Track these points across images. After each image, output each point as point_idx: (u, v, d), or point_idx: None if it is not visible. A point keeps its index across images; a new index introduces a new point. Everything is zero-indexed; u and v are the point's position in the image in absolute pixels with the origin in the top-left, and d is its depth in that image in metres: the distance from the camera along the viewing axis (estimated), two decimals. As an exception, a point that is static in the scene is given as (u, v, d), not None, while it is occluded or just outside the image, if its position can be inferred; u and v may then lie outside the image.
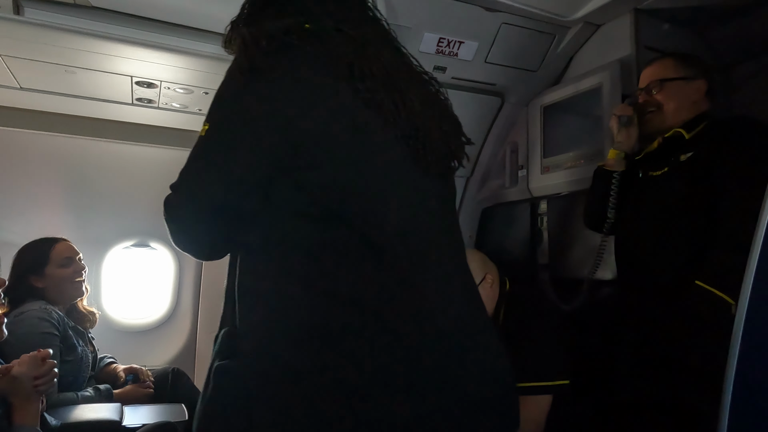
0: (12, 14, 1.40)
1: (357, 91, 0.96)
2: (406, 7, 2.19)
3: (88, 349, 2.20)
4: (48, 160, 2.44)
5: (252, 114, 0.94)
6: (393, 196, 0.98)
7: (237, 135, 0.95)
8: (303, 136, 0.93)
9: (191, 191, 0.99)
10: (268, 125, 0.94)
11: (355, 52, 0.99)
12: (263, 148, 0.94)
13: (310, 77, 0.94)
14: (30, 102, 2.09)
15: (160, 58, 1.66)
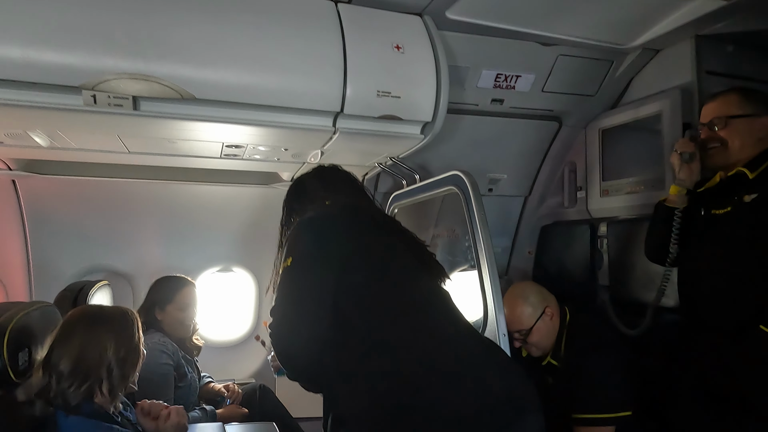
0: (131, 110, 1.65)
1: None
2: (464, 48, 2.29)
3: (195, 375, 2.51)
4: (149, 203, 2.80)
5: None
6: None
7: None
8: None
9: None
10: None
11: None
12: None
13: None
14: (134, 160, 2.39)
15: (247, 129, 1.87)
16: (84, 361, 1.42)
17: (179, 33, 1.59)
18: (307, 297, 1.28)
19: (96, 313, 1.57)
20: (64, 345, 1.43)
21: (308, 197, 1.67)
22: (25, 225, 2.66)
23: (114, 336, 1.50)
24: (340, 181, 1.73)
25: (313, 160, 2.33)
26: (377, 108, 1.87)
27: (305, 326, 1.26)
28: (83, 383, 1.41)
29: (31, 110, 1.61)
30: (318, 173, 1.75)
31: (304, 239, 1.38)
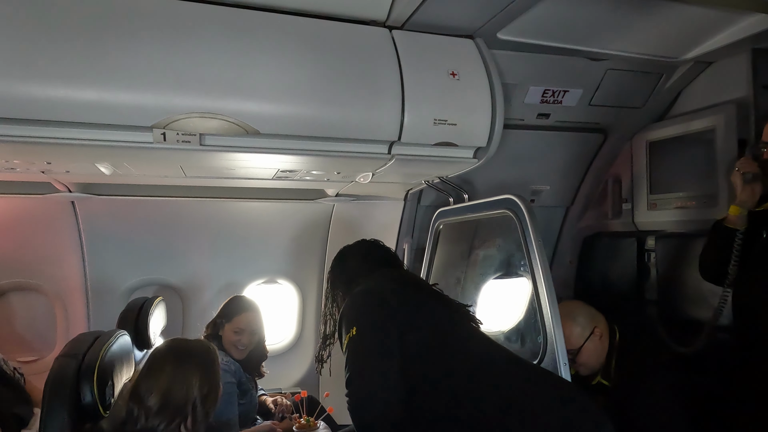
0: (198, 146, 1.69)
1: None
2: (512, 66, 2.28)
3: (255, 393, 2.60)
4: (199, 219, 2.89)
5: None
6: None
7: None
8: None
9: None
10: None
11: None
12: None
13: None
14: (191, 182, 2.45)
15: (304, 158, 1.91)
16: (172, 399, 1.47)
17: (244, 71, 1.63)
18: (379, 362, 1.37)
19: (183, 349, 1.61)
20: (152, 381, 1.48)
21: (353, 271, 1.79)
22: (83, 243, 2.76)
23: (199, 373, 1.55)
24: (381, 257, 1.87)
25: (362, 180, 2.35)
26: (433, 136, 1.88)
27: (382, 390, 1.33)
28: (171, 421, 1.46)
29: (103, 148, 1.67)
30: (360, 249, 1.89)
31: (363, 310, 1.51)
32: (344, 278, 1.79)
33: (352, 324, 1.45)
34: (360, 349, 1.40)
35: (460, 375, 1.40)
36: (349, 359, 1.40)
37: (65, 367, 1.38)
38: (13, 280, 2.78)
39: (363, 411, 1.33)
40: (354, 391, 1.35)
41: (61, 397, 1.34)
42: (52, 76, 1.48)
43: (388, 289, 1.57)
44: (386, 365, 1.36)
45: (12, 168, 1.98)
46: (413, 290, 1.64)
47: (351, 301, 1.57)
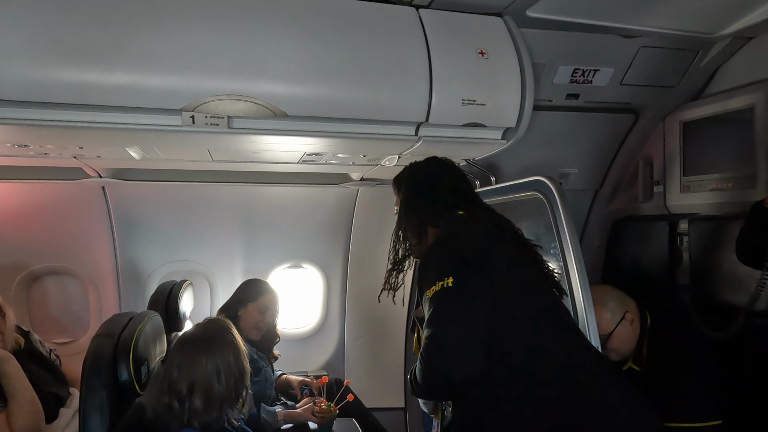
0: (226, 129, 1.70)
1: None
2: (541, 45, 2.22)
3: (270, 369, 2.65)
4: (226, 204, 2.94)
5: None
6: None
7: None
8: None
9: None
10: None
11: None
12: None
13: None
14: (218, 166, 2.47)
15: (330, 140, 1.90)
16: (215, 394, 1.50)
17: (273, 53, 1.62)
18: (472, 321, 1.29)
19: (210, 337, 1.61)
20: (191, 377, 1.49)
21: (441, 201, 1.62)
22: (113, 228, 2.82)
23: (232, 356, 1.57)
24: (470, 191, 1.72)
25: (388, 163, 2.34)
26: (461, 116, 1.85)
27: (470, 351, 1.26)
28: (221, 408, 1.49)
29: (133, 132, 1.68)
30: (449, 176, 1.71)
31: (463, 260, 1.37)
32: (429, 207, 1.62)
33: (447, 273, 1.33)
34: (454, 303, 1.31)
35: (542, 336, 1.34)
36: (438, 311, 1.31)
37: (102, 346, 1.42)
38: (48, 264, 2.86)
39: (446, 369, 1.26)
40: (438, 347, 1.27)
41: (99, 375, 1.37)
42: (82, 60, 1.50)
43: (487, 238, 1.45)
44: (478, 325, 1.28)
45: (45, 153, 2.02)
46: (511, 241, 1.52)
47: (446, 245, 1.44)
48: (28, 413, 2.08)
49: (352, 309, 3.32)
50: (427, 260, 1.45)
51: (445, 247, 1.44)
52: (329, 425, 2.35)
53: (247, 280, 2.68)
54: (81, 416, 1.33)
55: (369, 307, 3.30)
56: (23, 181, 2.52)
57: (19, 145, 1.86)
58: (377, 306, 3.28)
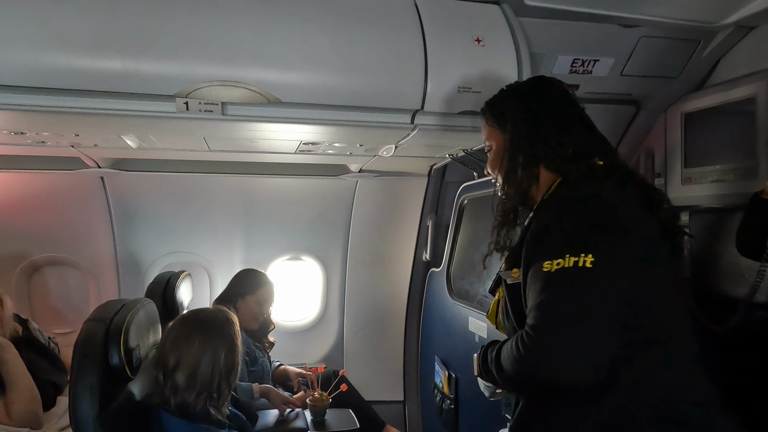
0: (221, 115, 1.69)
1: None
2: (540, 34, 2.20)
3: (266, 360, 2.66)
4: (225, 196, 2.95)
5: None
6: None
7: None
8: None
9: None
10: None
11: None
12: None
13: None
14: (213, 156, 2.48)
15: (326, 129, 1.90)
16: (200, 376, 1.51)
17: (266, 39, 1.61)
18: (607, 313, 1.02)
19: (211, 322, 1.62)
20: (181, 355, 1.50)
21: (575, 144, 1.25)
22: (113, 218, 2.83)
23: (225, 348, 1.58)
24: (604, 138, 1.37)
25: (385, 153, 2.33)
26: (457, 104, 1.83)
27: (596, 352, 1.00)
28: (199, 395, 1.49)
29: (128, 118, 1.68)
30: (564, 94, 1.38)
31: (605, 232, 1.07)
32: (556, 147, 1.25)
33: (584, 247, 1.03)
34: (590, 291, 1.02)
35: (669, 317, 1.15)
36: (564, 296, 1.03)
37: (93, 330, 1.42)
38: (48, 255, 2.88)
39: (560, 373, 0.99)
40: (556, 343, 1.00)
41: (89, 358, 1.38)
42: (75, 45, 1.49)
43: (630, 202, 1.14)
44: (616, 320, 1.02)
45: (42, 141, 2.03)
46: (655, 207, 1.21)
47: (585, 209, 1.12)
48: (26, 400, 2.09)
49: (352, 302, 3.32)
50: (552, 223, 1.13)
51: (583, 210, 1.11)
52: (322, 413, 2.35)
53: (243, 270, 2.70)
54: (71, 399, 1.34)
55: (368, 299, 3.30)
56: (23, 171, 2.54)
57: (16, 133, 1.86)
58: (376, 299, 3.32)
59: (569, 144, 1.26)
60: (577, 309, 1.01)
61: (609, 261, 1.04)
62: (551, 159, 1.26)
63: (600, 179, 1.19)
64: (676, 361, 1.11)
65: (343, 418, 2.36)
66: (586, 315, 1.01)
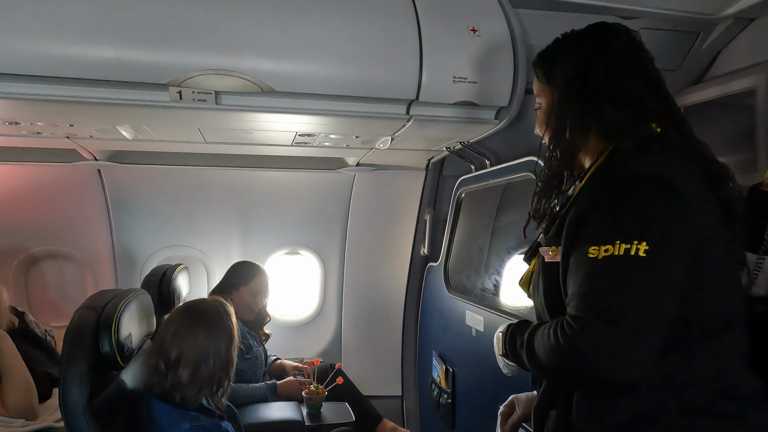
0: (214, 105, 1.69)
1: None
2: (538, 25, 2.18)
3: (260, 349, 2.68)
4: (222, 189, 2.95)
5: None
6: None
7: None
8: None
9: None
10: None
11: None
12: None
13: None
14: (210, 149, 2.48)
15: (321, 119, 1.89)
16: (202, 370, 1.50)
17: (259, 28, 1.61)
18: (658, 306, 0.93)
19: (214, 316, 1.61)
20: (184, 349, 1.50)
21: (624, 100, 1.10)
22: (110, 211, 2.83)
23: (225, 343, 1.58)
24: (656, 72, 1.19)
25: (381, 146, 2.32)
26: (452, 94, 1.83)
27: (643, 348, 0.91)
28: (199, 391, 1.50)
29: (122, 107, 1.68)
30: (628, 43, 1.18)
31: (661, 217, 0.96)
32: (610, 110, 1.10)
33: (637, 235, 0.93)
34: (641, 282, 0.92)
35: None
36: (611, 285, 0.93)
37: (85, 318, 1.41)
38: (46, 248, 2.88)
39: (599, 369, 0.91)
40: (599, 336, 0.91)
41: (80, 346, 1.37)
42: (68, 33, 1.49)
43: (690, 181, 1.02)
44: (667, 313, 0.94)
45: (38, 132, 2.03)
46: (717, 185, 1.09)
47: (637, 189, 0.99)
48: (22, 391, 2.09)
49: (349, 296, 3.31)
50: (600, 203, 1.01)
51: (636, 190, 0.99)
52: (317, 406, 2.35)
53: (237, 262, 2.73)
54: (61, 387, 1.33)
55: (366, 294, 3.29)
56: (19, 163, 2.53)
57: (10, 123, 1.86)
58: (374, 293, 3.31)
59: (625, 106, 1.10)
60: (625, 303, 0.92)
61: (664, 250, 0.94)
62: (603, 123, 1.11)
63: (657, 152, 1.06)
64: (721, 355, 1.03)
65: (340, 411, 2.36)
66: (635, 310, 0.92)
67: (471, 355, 2.42)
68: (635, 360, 0.91)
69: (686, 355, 1.00)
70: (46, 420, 2.13)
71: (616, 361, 0.91)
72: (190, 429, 1.45)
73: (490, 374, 2.26)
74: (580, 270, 0.98)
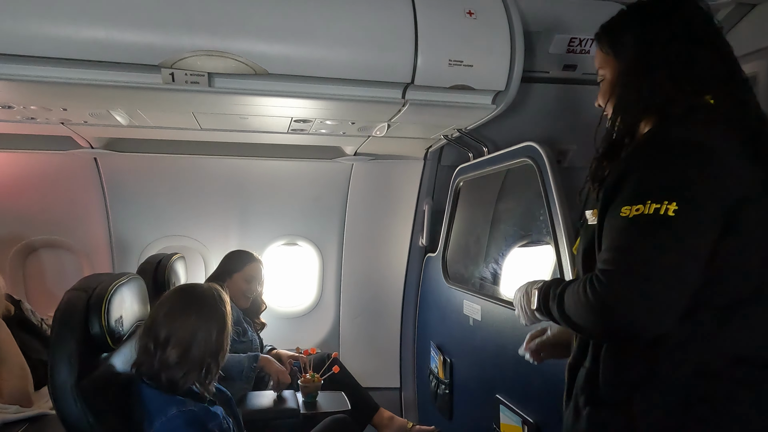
0: (207, 87, 1.68)
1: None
2: (536, 12, 2.15)
3: (255, 335, 2.69)
4: (219, 178, 2.94)
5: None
6: None
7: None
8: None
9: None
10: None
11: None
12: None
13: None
14: (206, 136, 2.46)
15: (316, 104, 1.87)
16: (191, 355, 1.48)
17: (252, 9, 1.60)
18: (685, 261, 0.95)
19: (209, 300, 1.59)
20: (175, 330, 1.48)
21: (688, 70, 1.11)
22: (107, 201, 2.83)
23: (217, 328, 1.55)
24: (725, 44, 1.16)
25: (378, 133, 2.30)
26: (448, 78, 1.81)
27: (667, 301, 0.94)
28: (189, 372, 1.48)
29: (114, 90, 1.67)
30: (684, 24, 1.15)
31: (691, 181, 0.98)
32: (668, 84, 1.10)
33: (667, 194, 0.95)
34: (668, 240, 0.95)
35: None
36: (640, 242, 0.96)
37: (74, 299, 1.41)
38: (43, 237, 2.87)
39: (628, 320, 0.95)
40: (626, 288, 0.95)
41: (69, 326, 1.36)
42: (59, 12, 1.49)
43: (730, 149, 1.02)
44: (691, 269, 0.95)
45: (32, 118, 2.02)
46: (763, 158, 1.06)
47: (671, 154, 1.01)
48: (17, 378, 2.09)
49: (348, 287, 3.30)
50: (634, 166, 1.04)
51: (670, 154, 1.02)
52: (313, 395, 2.34)
53: (231, 251, 2.73)
54: (50, 367, 1.33)
55: (364, 285, 3.28)
56: (16, 151, 2.53)
57: (3, 107, 1.85)
58: (373, 285, 3.29)
59: (683, 76, 1.11)
60: (651, 258, 0.95)
61: (694, 211, 0.96)
62: (661, 92, 1.12)
63: (700, 120, 1.07)
64: (747, 323, 1.03)
65: (336, 400, 2.34)
66: (660, 265, 0.95)
67: (468, 345, 2.41)
68: (658, 315, 0.95)
69: (710, 320, 1.01)
70: (41, 407, 2.13)
71: (639, 315, 0.95)
72: (177, 414, 1.43)
73: (487, 363, 2.24)
74: (612, 229, 1.03)
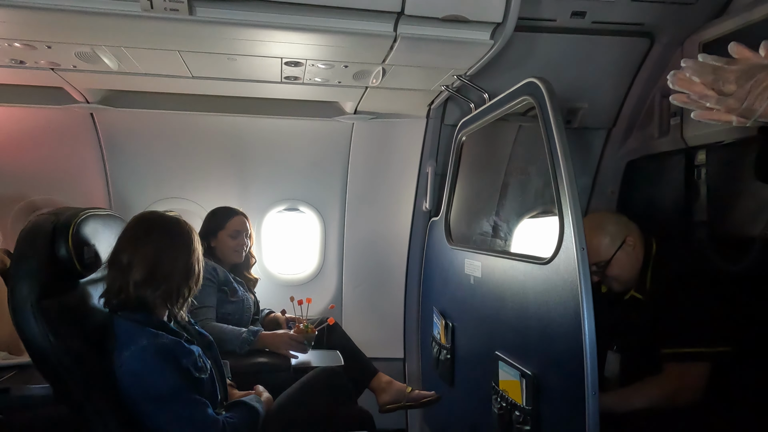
0: (187, 15, 1.61)
1: None
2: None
3: (249, 295, 2.62)
4: (217, 137, 2.90)
5: None
6: None
7: None
8: None
9: None
10: None
11: None
12: None
13: None
14: (199, 88, 2.41)
15: (306, 38, 1.81)
16: (158, 270, 1.45)
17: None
18: None
19: (168, 223, 1.56)
20: (139, 251, 1.45)
21: None
22: (105, 159, 2.81)
23: (182, 247, 1.52)
24: None
25: (375, 82, 2.22)
26: (441, 7, 1.71)
27: None
28: (157, 289, 1.44)
29: (95, 19, 1.62)
30: None
31: None
32: None
33: None
34: None
35: None
36: None
37: (42, 221, 1.36)
38: (44, 197, 2.87)
39: None
40: None
41: (32, 246, 1.32)
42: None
43: None
44: None
45: (21, 61, 2.00)
46: None
47: None
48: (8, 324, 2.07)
49: (351, 255, 3.22)
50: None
51: None
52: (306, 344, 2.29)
53: (210, 211, 2.67)
54: (10, 286, 1.29)
55: (367, 252, 3.20)
56: (10, 105, 2.52)
57: (-12, 43, 1.82)
58: (376, 251, 3.20)
59: None
60: None
61: None
62: None
63: None
64: None
65: (329, 356, 2.28)
66: None
67: (469, 305, 2.31)
68: None
69: None
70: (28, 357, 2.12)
71: None
72: (148, 345, 1.38)
73: (487, 321, 2.14)
74: None
